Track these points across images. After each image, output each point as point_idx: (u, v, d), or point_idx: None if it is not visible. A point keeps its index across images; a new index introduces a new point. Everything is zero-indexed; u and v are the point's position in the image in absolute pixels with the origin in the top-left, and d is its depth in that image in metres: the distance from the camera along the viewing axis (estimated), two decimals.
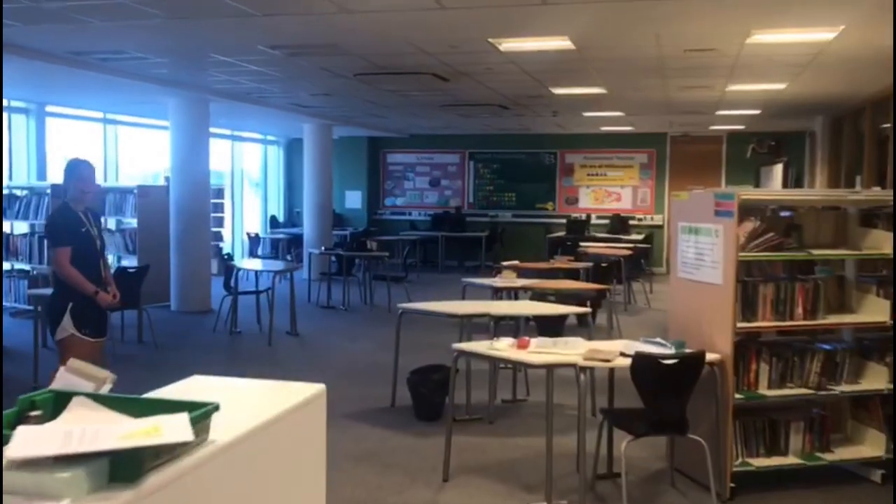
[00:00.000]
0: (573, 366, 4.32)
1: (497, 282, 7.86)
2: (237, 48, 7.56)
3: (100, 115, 13.06)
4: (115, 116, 13.30)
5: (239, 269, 9.32)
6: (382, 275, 11.57)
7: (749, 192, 4.77)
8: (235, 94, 10.84)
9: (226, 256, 9.98)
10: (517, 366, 5.65)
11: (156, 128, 13.86)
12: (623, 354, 4.39)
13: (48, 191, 9.81)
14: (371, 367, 7.65)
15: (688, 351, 4.33)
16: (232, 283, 9.47)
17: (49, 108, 11.81)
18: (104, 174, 13.54)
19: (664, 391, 4.24)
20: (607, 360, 4.34)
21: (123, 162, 13.94)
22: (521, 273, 8.62)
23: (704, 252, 4.71)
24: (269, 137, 18.21)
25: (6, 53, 7.22)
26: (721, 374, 4.44)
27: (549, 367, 4.35)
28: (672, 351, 4.34)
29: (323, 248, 12.32)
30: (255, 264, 9.90)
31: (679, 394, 4.25)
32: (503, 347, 4.56)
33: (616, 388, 4.84)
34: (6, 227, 10.21)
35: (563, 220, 16.40)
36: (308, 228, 14.67)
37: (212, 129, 15.72)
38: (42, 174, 11.60)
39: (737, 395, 4.54)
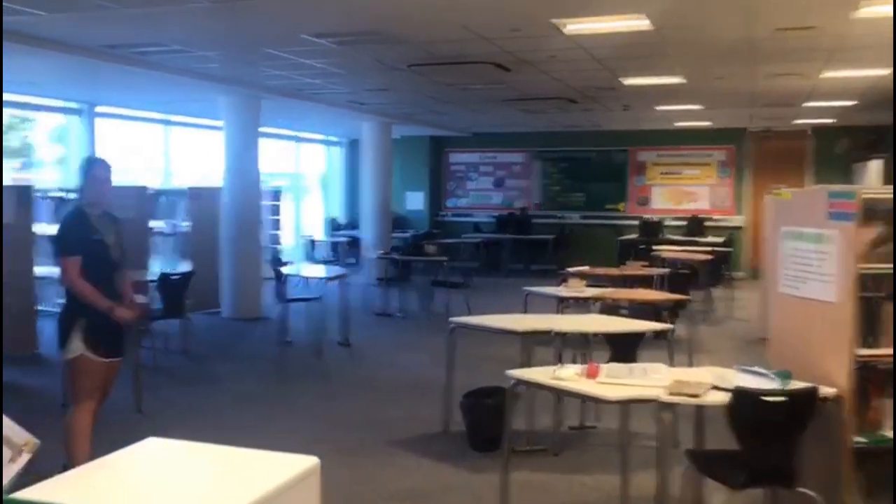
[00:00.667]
0: (654, 401, 3.57)
1: (563, 291, 7.11)
2: (281, 38, 7.01)
3: (155, 115, 12.78)
4: (170, 117, 13.01)
5: (287, 276, 8.78)
6: (441, 280, 10.90)
7: (873, 190, 3.93)
8: (288, 90, 10.35)
9: (275, 261, 9.44)
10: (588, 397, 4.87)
11: (213, 128, 13.48)
12: (716, 388, 3.62)
13: None
14: (423, 383, 7.00)
15: (796, 385, 3.53)
16: (282, 289, 8.94)
17: (100, 109, 11.53)
18: (162, 176, 13.28)
19: (767, 434, 3.46)
20: (696, 396, 3.57)
21: (180, 164, 13.67)
22: (590, 280, 7.86)
23: (812, 262, 3.89)
24: (331, 138, 17.79)
25: (40, 48, 6.84)
26: (837, 413, 3.62)
27: (625, 403, 3.60)
28: (777, 385, 3.54)
29: (380, 251, 11.73)
30: (304, 270, 9.35)
31: (786, 437, 3.45)
32: (569, 376, 3.83)
33: (704, 420, 4.06)
34: (50, 230, 9.89)
35: (635, 222, 15.49)
36: (367, 231, 14.14)
37: (273, 130, 15.49)
38: None
39: (857, 438, 3.70)
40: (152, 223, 11.23)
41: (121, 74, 8.55)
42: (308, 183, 17.91)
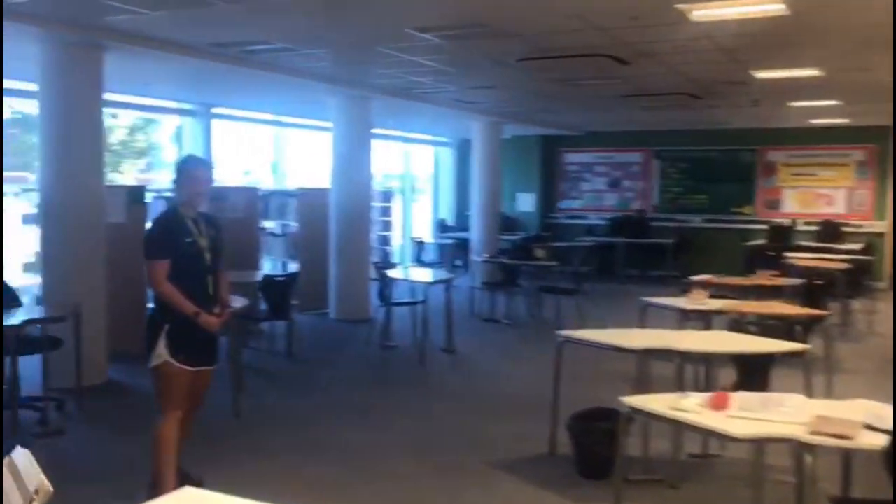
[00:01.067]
0: (793, 441, 3.04)
1: (684, 303, 6.52)
2: (384, 33, 6.75)
3: (267, 116, 12.89)
4: (281, 118, 13.10)
5: (391, 279, 8.54)
6: (551, 286, 10.42)
7: None
8: (396, 90, 10.13)
9: (380, 263, 9.23)
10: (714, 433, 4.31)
11: (324, 129, 13.48)
12: (869, 427, 3.05)
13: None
14: (529, 398, 6.56)
15: None
16: (386, 292, 8.71)
17: (216, 110, 11.69)
18: (273, 178, 13.40)
19: None
20: (845, 437, 3.01)
21: (291, 165, 13.75)
22: (714, 290, 7.22)
23: None
24: (440, 139, 17.58)
25: (148, 49, 6.84)
26: None
27: (760, 443, 3.08)
28: None
29: (486, 255, 11.35)
30: (407, 273, 9.08)
31: None
32: (692, 407, 3.34)
33: (851, 462, 3.48)
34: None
35: (764, 227, 14.49)
36: (475, 233, 13.81)
37: (382, 131, 15.39)
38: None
39: None
40: (263, 223, 11.31)
41: (232, 75, 8.54)
42: (418, 184, 17.78)
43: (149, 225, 8.70)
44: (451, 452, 5.28)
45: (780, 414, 3.26)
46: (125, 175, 12.52)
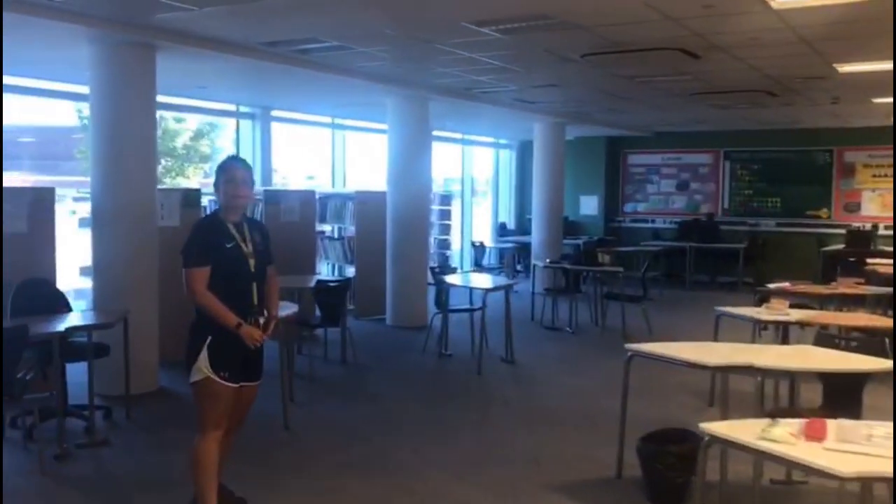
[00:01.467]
0: None
1: (763, 313, 6.05)
2: (440, 27, 6.44)
3: (327, 119, 12.75)
4: (340, 121, 12.94)
5: (448, 285, 8.22)
6: (616, 293, 9.97)
7: None
8: (455, 90, 9.83)
9: (436, 268, 8.92)
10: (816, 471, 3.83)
11: (383, 132, 13.31)
12: None
13: (260, 197, 9.38)
14: (593, 414, 6.17)
15: None
16: (443, 298, 8.41)
17: (275, 113, 11.58)
18: (332, 180, 13.25)
19: None
20: None
21: (350, 168, 13.59)
22: (792, 298, 6.72)
23: None
24: (501, 141, 17.23)
25: (200, 49, 6.69)
26: None
27: (866, 482, 2.67)
28: None
29: (547, 260, 10.95)
30: (463, 279, 8.75)
31: None
32: (784, 437, 2.93)
33: None
34: None
35: (841, 231, 13.70)
36: (536, 237, 13.41)
37: (441, 133, 15.14)
38: (268, 180, 11.39)
39: None
40: (321, 227, 11.15)
41: (287, 77, 8.38)
42: (478, 187, 17.46)
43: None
44: (508, 472, 4.93)
45: (886, 447, 2.83)
46: (190, 180, 12.53)
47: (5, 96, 8.70)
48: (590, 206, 16.33)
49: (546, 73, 8.63)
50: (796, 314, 6.02)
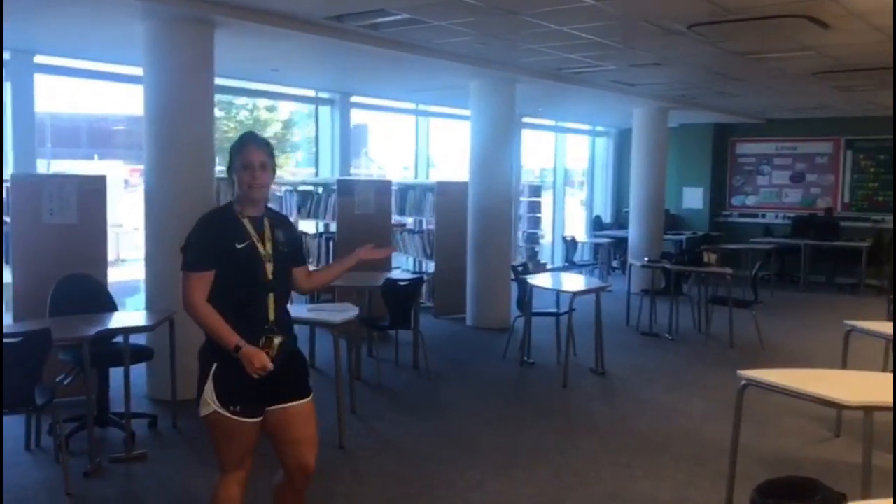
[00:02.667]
0: None
1: (889, 329, 5.02)
2: None
3: (409, 105, 12.12)
4: (423, 107, 12.29)
5: (531, 286, 7.41)
6: (722, 297, 8.93)
7: None
8: (545, 70, 8.99)
9: (518, 268, 8.12)
10: None
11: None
12: None
13: (334, 187, 8.82)
14: (697, 444, 5.28)
15: None
16: (526, 299, 7.60)
17: (355, 99, 11.03)
18: (415, 171, 12.63)
19: None
20: None
21: (435, 157, 12.95)
22: None
23: None
24: (598, 128, 16.22)
25: (261, 24, 6.11)
26: None
27: None
28: None
29: (646, 259, 9.96)
30: (549, 280, 7.91)
31: None
32: None
33: None
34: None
35: None
36: (634, 232, 12.39)
37: (532, 120, 14.28)
38: (346, 169, 10.87)
39: None
40: (399, 219, 10.55)
41: (360, 57, 7.75)
42: (572, 178, 16.53)
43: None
44: None
45: None
46: (282, 169, 12.18)
47: (73, 81, 8.50)
48: (694, 198, 15.12)
49: (647, 50, 7.68)
50: None
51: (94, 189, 6.06)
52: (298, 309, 5.56)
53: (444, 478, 4.63)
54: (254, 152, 3.07)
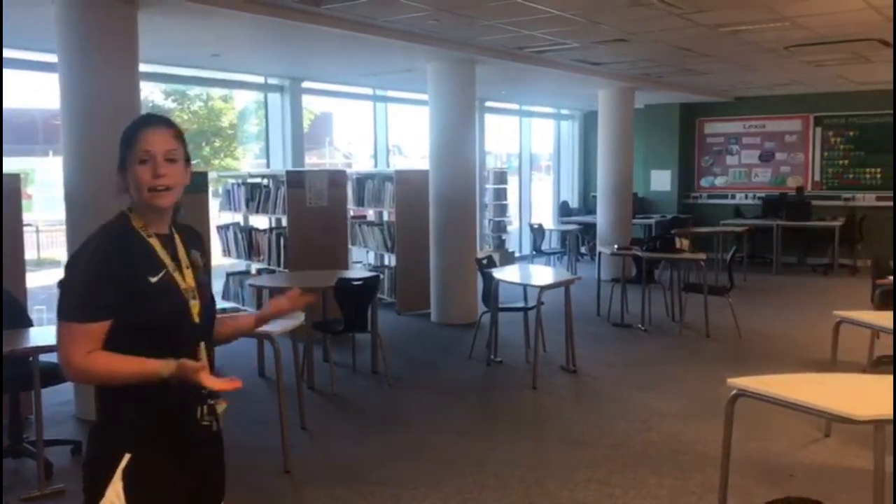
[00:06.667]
0: None
1: (883, 320, 4.61)
2: None
3: (367, 91, 11.55)
4: (380, 92, 11.72)
5: (496, 280, 6.92)
6: (696, 284, 8.54)
7: None
8: (505, 49, 8.49)
9: (482, 261, 7.62)
10: None
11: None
12: None
13: (283, 178, 8.24)
14: (678, 450, 4.84)
15: None
16: (490, 292, 7.12)
17: (307, 85, 10.43)
18: (374, 159, 12.06)
19: None
20: None
21: (393, 144, 12.39)
22: None
23: None
24: (563, 111, 15.77)
25: (222, 7, 5.52)
26: None
27: None
28: None
29: (615, 246, 9.52)
30: (515, 274, 7.42)
31: None
32: None
33: None
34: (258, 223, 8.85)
35: None
36: (602, 217, 11.97)
37: (496, 104, 13.77)
38: (299, 160, 10.28)
39: None
40: (358, 210, 10.01)
41: (306, 37, 7.19)
42: (539, 162, 16.08)
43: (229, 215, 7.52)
44: None
45: None
46: (240, 161, 11.56)
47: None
48: (662, 181, 14.74)
49: (612, 25, 7.21)
50: None
51: (10, 188, 5.43)
52: None
53: (399, 499, 4.13)
54: (154, 137, 2.06)
